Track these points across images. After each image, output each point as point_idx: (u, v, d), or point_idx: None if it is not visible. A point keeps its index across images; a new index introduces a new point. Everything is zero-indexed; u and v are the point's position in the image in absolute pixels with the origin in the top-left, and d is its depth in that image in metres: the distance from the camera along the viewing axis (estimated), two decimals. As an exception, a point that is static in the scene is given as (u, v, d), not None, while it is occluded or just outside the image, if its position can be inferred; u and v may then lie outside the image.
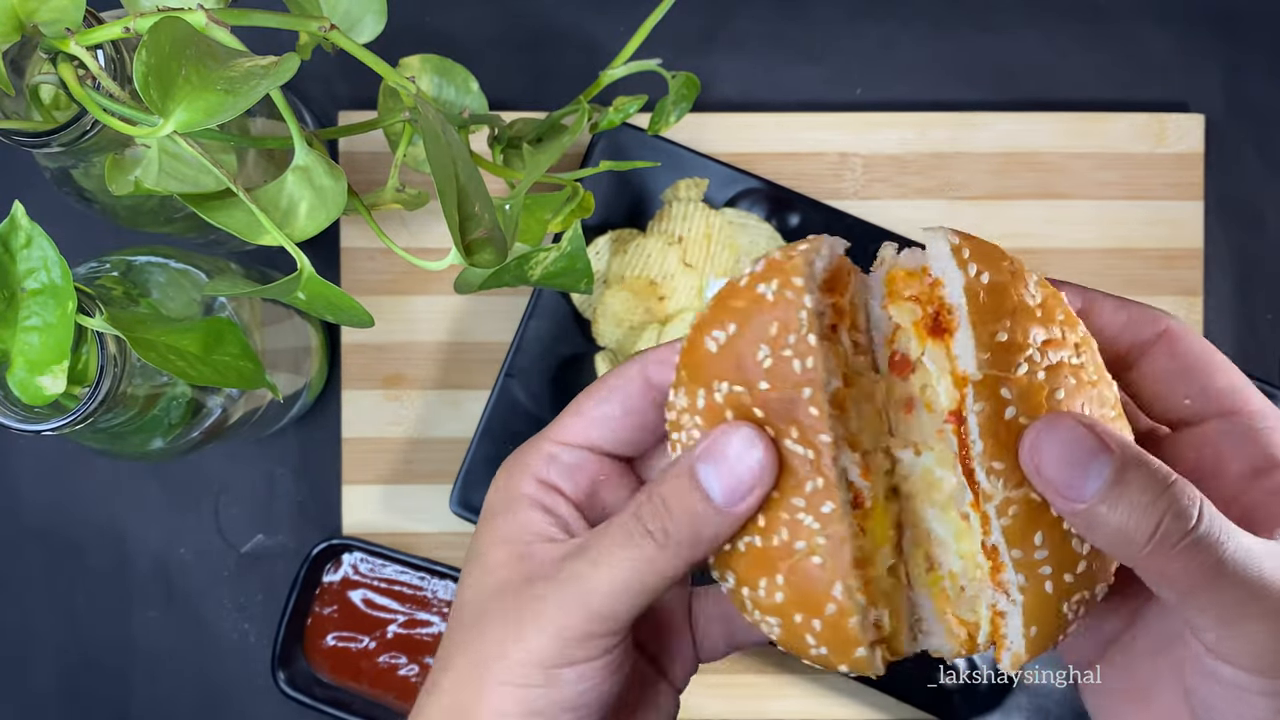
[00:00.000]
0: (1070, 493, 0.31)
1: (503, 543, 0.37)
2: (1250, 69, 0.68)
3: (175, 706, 0.68)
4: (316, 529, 0.68)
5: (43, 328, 0.43)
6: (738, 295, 0.35)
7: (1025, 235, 0.67)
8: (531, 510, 0.38)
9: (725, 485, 0.33)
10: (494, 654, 0.35)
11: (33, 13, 0.42)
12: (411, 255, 0.50)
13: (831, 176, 0.67)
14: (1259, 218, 0.68)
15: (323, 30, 0.45)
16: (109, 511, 0.68)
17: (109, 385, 0.45)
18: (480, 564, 0.38)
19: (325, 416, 0.68)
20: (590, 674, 0.35)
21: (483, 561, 0.38)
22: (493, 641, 0.35)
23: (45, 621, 0.68)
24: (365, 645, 0.65)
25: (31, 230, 0.43)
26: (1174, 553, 0.31)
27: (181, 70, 0.40)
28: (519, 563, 0.37)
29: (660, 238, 0.63)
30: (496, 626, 0.36)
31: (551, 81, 0.68)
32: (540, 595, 0.35)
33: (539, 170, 0.53)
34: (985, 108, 0.68)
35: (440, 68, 0.55)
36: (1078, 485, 0.31)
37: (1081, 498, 0.31)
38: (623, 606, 0.34)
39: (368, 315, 0.48)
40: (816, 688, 0.66)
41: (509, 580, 0.36)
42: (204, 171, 0.45)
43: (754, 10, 0.69)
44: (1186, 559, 0.31)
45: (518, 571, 0.36)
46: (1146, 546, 0.31)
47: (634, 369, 0.38)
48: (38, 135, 0.43)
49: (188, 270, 0.53)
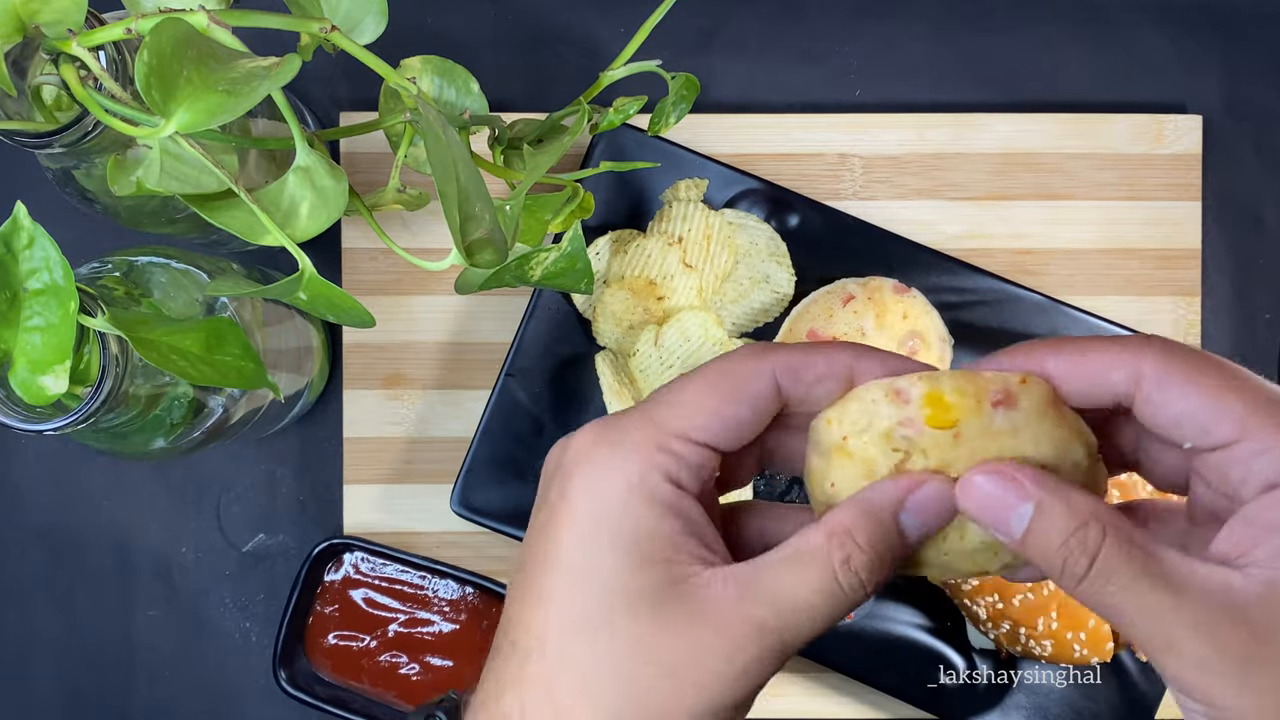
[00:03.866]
0: (1003, 530, 0.34)
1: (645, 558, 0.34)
2: (1249, 70, 0.68)
3: (176, 706, 0.68)
4: (318, 528, 0.68)
5: (45, 328, 0.43)
6: None
7: (1024, 236, 0.67)
8: (672, 518, 0.35)
9: (920, 529, 0.34)
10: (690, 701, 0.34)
11: (35, 14, 0.42)
12: (412, 255, 0.50)
13: (831, 177, 0.67)
14: (1257, 218, 0.68)
15: (324, 31, 0.45)
16: (110, 511, 0.68)
17: (111, 385, 0.45)
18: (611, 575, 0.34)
19: (326, 416, 0.68)
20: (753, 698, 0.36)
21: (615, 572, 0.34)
22: (688, 687, 0.33)
23: (45, 621, 0.68)
24: (366, 644, 0.65)
25: (34, 230, 0.43)
26: (1081, 587, 0.33)
27: (183, 71, 0.40)
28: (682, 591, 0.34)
29: (660, 238, 0.63)
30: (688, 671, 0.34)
31: (552, 82, 0.68)
32: (742, 647, 0.34)
33: (539, 171, 0.53)
34: (985, 108, 0.68)
35: (441, 69, 0.55)
36: (1005, 523, 0.33)
37: (1013, 535, 0.33)
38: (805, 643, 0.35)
39: (369, 315, 0.49)
40: (816, 687, 0.66)
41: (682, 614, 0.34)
42: (205, 172, 0.45)
43: (754, 10, 0.69)
44: (1092, 593, 0.33)
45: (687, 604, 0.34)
46: (1059, 579, 0.33)
47: (766, 374, 0.36)
48: (40, 136, 0.43)
49: (189, 270, 0.53)
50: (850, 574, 0.34)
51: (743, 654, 0.34)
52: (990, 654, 0.64)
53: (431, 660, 0.65)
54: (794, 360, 0.36)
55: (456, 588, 0.65)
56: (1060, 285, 0.66)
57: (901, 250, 0.64)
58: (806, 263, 0.64)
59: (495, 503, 0.64)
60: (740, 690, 0.34)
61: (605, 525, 0.34)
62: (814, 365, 0.36)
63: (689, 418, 0.35)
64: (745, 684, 0.34)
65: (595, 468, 0.35)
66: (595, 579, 0.34)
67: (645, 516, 0.34)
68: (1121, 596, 0.32)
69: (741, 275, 0.64)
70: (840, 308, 0.62)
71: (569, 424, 0.65)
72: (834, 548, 0.34)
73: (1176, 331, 0.66)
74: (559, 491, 0.35)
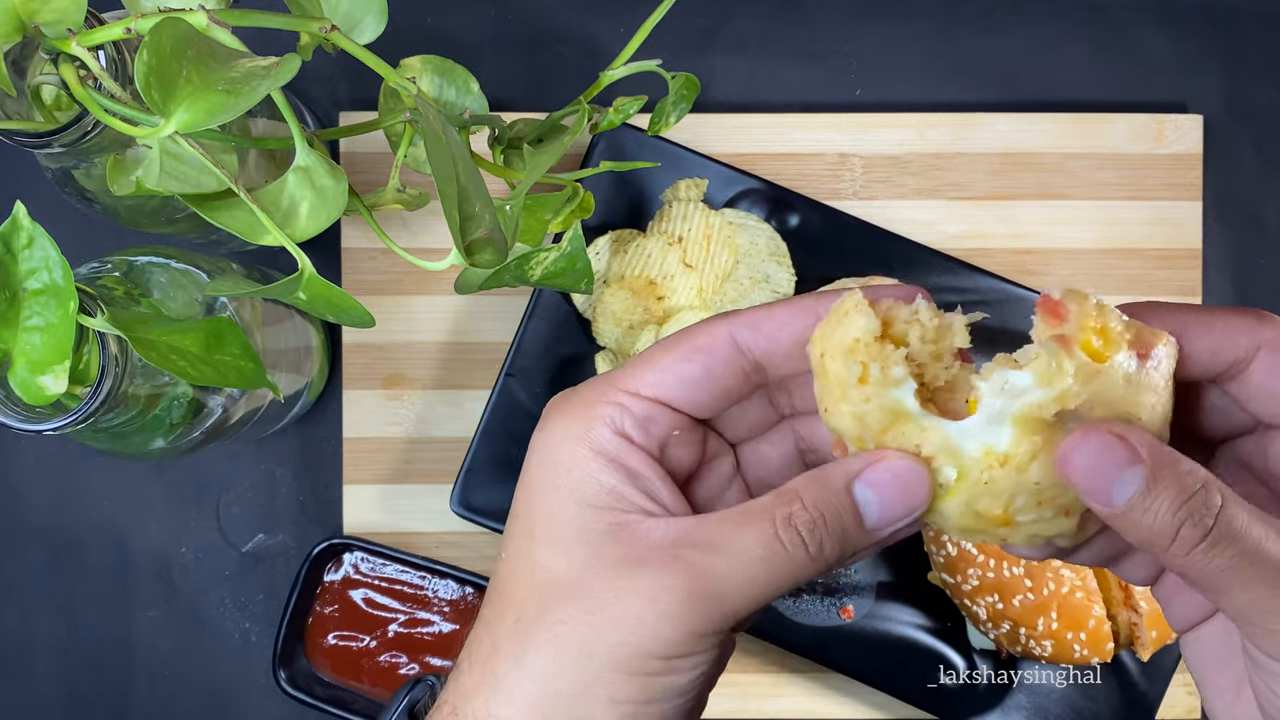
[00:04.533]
0: (1102, 498, 0.32)
1: (586, 506, 0.35)
2: (1249, 70, 0.68)
3: (176, 706, 0.68)
4: (317, 528, 0.68)
5: (44, 328, 0.43)
6: None
7: (1024, 235, 0.67)
8: (612, 470, 0.35)
9: (883, 512, 0.33)
10: (610, 639, 0.33)
11: (34, 13, 0.42)
12: (412, 255, 0.50)
13: (831, 177, 0.67)
14: (1257, 218, 0.68)
15: (324, 31, 0.45)
16: (110, 511, 0.68)
17: (110, 385, 0.45)
18: (557, 525, 0.35)
19: (326, 416, 0.68)
20: (706, 662, 0.34)
21: (559, 522, 0.35)
22: (606, 625, 0.33)
23: (45, 621, 0.68)
24: (366, 644, 0.65)
25: (33, 230, 0.43)
26: (1195, 553, 0.32)
27: (183, 71, 0.40)
28: (619, 534, 0.34)
29: (660, 238, 0.63)
30: (611, 606, 0.33)
31: (552, 82, 0.68)
32: (669, 585, 0.33)
33: (539, 171, 0.53)
34: (985, 108, 0.68)
35: (441, 68, 0.55)
36: (1106, 491, 0.32)
37: (1113, 503, 0.32)
38: (751, 607, 0.34)
39: (368, 315, 0.49)
40: (816, 687, 0.66)
41: (614, 556, 0.34)
42: (205, 172, 0.45)
43: (754, 10, 0.69)
44: (1206, 559, 0.32)
45: (624, 548, 0.34)
46: (1170, 547, 0.32)
47: (721, 330, 0.36)
48: (39, 136, 0.43)
49: (189, 270, 0.53)
50: (790, 530, 0.33)
51: (667, 594, 0.33)
52: (990, 654, 0.64)
53: (431, 660, 0.65)
54: (755, 316, 0.36)
55: (456, 588, 0.65)
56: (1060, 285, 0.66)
57: (901, 250, 0.64)
58: (806, 262, 0.64)
59: (495, 503, 0.64)
60: (663, 637, 0.33)
61: (552, 478, 0.36)
62: (775, 314, 0.36)
63: (641, 376, 0.36)
64: (669, 631, 0.33)
65: (549, 428, 0.36)
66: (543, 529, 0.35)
67: (588, 467, 0.35)
68: (1232, 566, 0.32)
69: (741, 275, 0.64)
70: (840, 308, 0.62)
71: (569, 424, 0.65)
72: (779, 505, 0.34)
73: (1177, 331, 0.66)
74: (543, 456, 0.37)
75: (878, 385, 0.33)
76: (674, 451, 0.37)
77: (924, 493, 0.33)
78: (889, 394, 0.33)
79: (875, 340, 0.33)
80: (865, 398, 0.33)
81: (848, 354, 0.33)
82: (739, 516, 0.34)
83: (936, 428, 0.33)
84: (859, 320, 0.33)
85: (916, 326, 0.34)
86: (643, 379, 0.36)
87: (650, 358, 0.36)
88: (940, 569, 0.61)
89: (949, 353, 0.35)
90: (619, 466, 0.35)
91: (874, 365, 0.33)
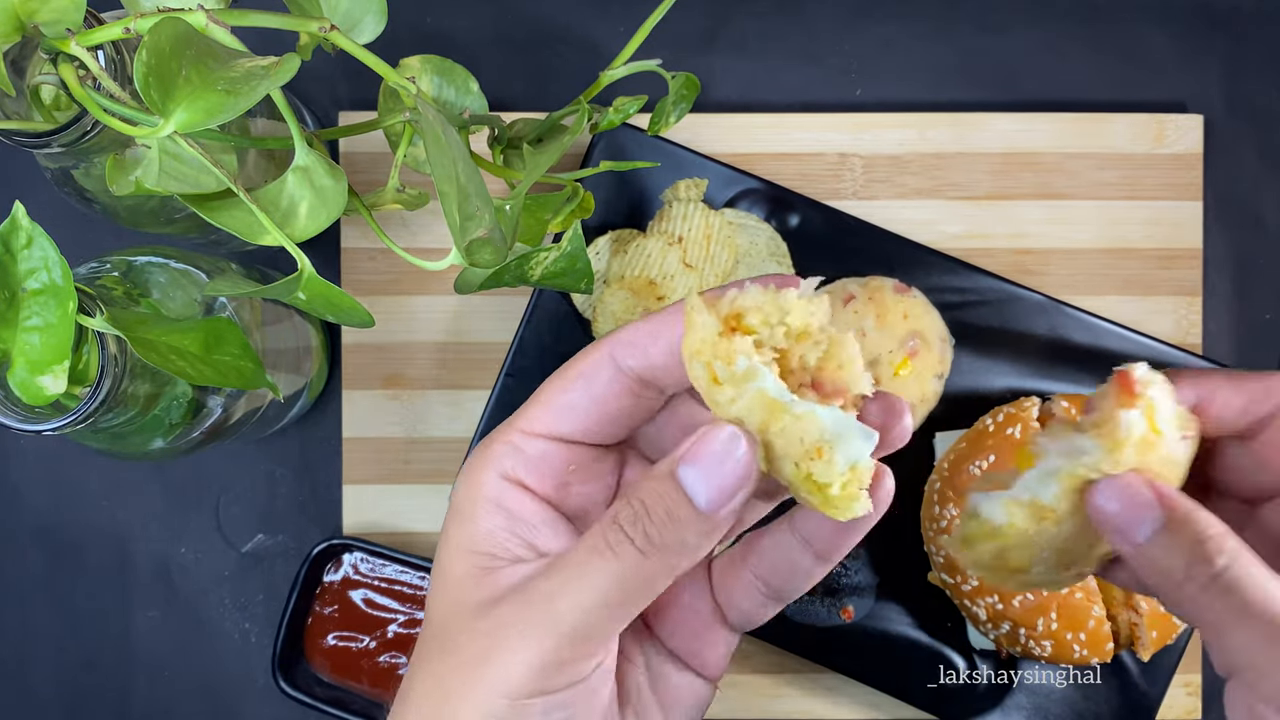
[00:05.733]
0: (1129, 535, 0.34)
1: (465, 553, 0.35)
2: (1249, 69, 0.68)
3: (176, 706, 0.68)
4: (317, 529, 0.68)
5: (44, 328, 0.43)
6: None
7: (1024, 235, 0.67)
8: (493, 515, 0.35)
9: (710, 488, 0.32)
10: (457, 683, 0.33)
11: (33, 13, 0.42)
12: (411, 255, 0.50)
13: (831, 177, 0.67)
14: (1258, 218, 0.68)
15: (323, 31, 0.45)
16: (109, 511, 0.68)
17: (109, 385, 0.45)
18: (442, 576, 0.35)
19: (325, 416, 0.68)
20: (566, 701, 0.33)
21: (444, 574, 0.35)
22: (456, 668, 0.33)
23: (45, 621, 0.68)
24: (366, 645, 0.65)
25: (32, 230, 0.43)
26: (1199, 593, 0.33)
27: (182, 70, 0.40)
28: (483, 578, 0.34)
29: (660, 238, 0.63)
30: (461, 651, 0.33)
31: (551, 82, 0.68)
32: (511, 621, 0.33)
33: (539, 170, 0.53)
34: (985, 108, 0.68)
35: (440, 68, 0.55)
36: (1132, 529, 0.34)
37: (1136, 539, 0.34)
38: (600, 624, 0.32)
39: (368, 315, 0.48)
40: (817, 688, 0.66)
41: (474, 601, 0.34)
42: (204, 172, 0.45)
43: (754, 10, 0.69)
44: (1208, 599, 0.33)
45: (481, 590, 0.34)
46: (1181, 586, 0.33)
47: (602, 355, 0.35)
48: (39, 136, 0.43)
49: (188, 270, 0.53)
50: (614, 529, 0.32)
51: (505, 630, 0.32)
52: (990, 654, 0.64)
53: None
54: (631, 332, 0.35)
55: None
56: (1061, 285, 0.66)
57: (902, 250, 0.64)
58: (806, 262, 0.64)
59: (495, 503, 0.64)
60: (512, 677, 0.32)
61: (448, 524, 0.36)
62: (644, 328, 0.35)
63: (532, 415, 0.36)
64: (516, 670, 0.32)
65: (461, 474, 0.36)
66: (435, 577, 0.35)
67: (473, 513, 0.35)
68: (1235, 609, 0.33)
69: (742, 275, 0.64)
70: (841, 307, 0.62)
71: (569, 424, 0.65)
72: (615, 503, 0.33)
73: (1177, 331, 0.66)
74: (451, 507, 0.36)
75: (734, 383, 0.32)
76: (580, 488, 0.36)
77: (747, 462, 0.32)
78: (749, 387, 0.32)
79: (719, 337, 0.32)
80: (730, 399, 0.32)
81: (695, 358, 0.32)
82: (582, 537, 0.33)
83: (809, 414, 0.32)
84: (698, 320, 0.32)
85: (756, 313, 0.33)
86: (534, 416, 0.36)
87: (541, 392, 0.36)
88: (940, 569, 0.61)
89: (815, 329, 0.33)
90: (500, 510, 0.35)
91: (717, 363, 0.32)
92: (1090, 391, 0.63)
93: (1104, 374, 0.64)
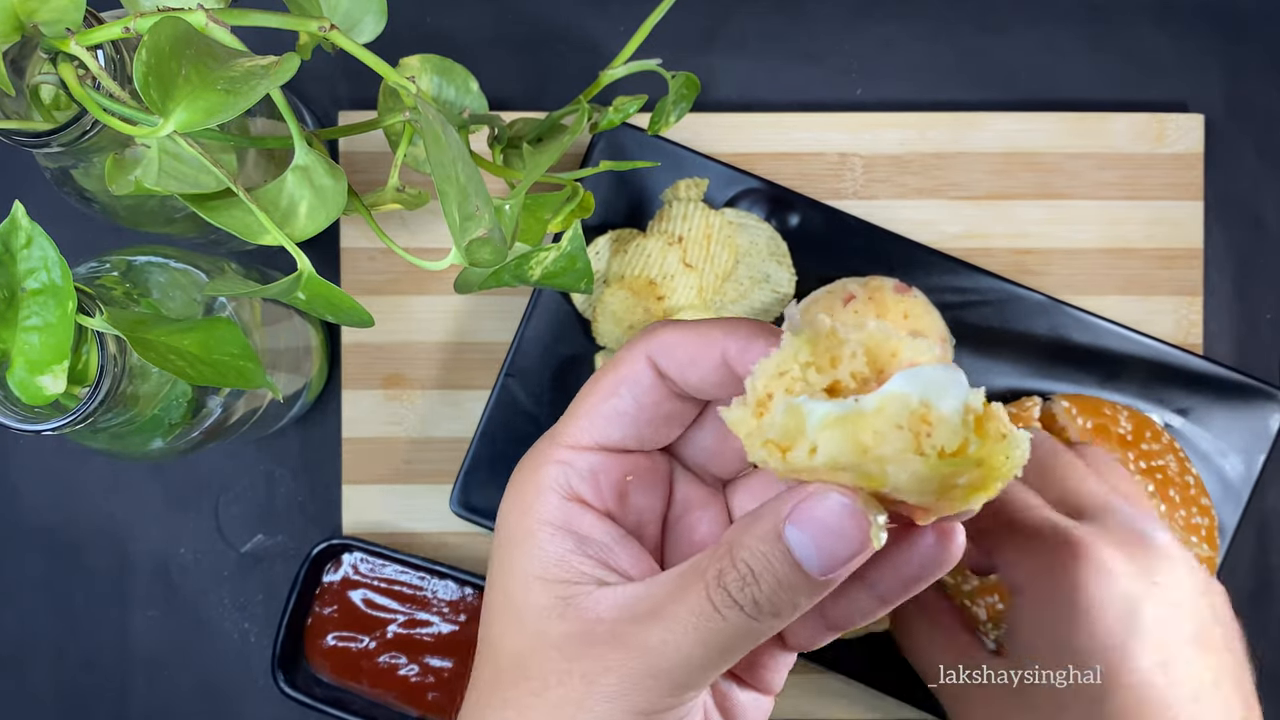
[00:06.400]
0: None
1: (536, 580, 0.33)
2: (1250, 69, 0.68)
3: (175, 706, 0.68)
4: (316, 529, 0.68)
5: (43, 327, 0.43)
6: None
7: (1025, 235, 0.67)
8: (561, 539, 0.34)
9: (823, 556, 0.31)
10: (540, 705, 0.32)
11: (33, 13, 0.42)
12: (411, 255, 0.50)
13: (831, 176, 0.67)
14: (1258, 218, 0.68)
15: (323, 30, 0.45)
16: (109, 511, 0.68)
17: (109, 385, 0.45)
18: (513, 606, 0.34)
19: (325, 416, 0.68)
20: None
21: (516, 604, 0.34)
22: (544, 706, 0.32)
23: (45, 622, 0.68)
24: (365, 645, 0.65)
25: (32, 230, 0.43)
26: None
27: (182, 70, 0.40)
28: (567, 611, 0.33)
29: (660, 238, 0.63)
30: (550, 691, 0.32)
31: (551, 81, 0.68)
32: (608, 665, 0.32)
33: (539, 170, 0.53)
34: (985, 108, 0.68)
35: (440, 68, 0.55)
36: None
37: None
38: (702, 677, 0.32)
39: (368, 315, 0.48)
40: (816, 688, 0.66)
41: (559, 634, 0.33)
42: (204, 171, 0.45)
43: (754, 10, 0.69)
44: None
45: (569, 625, 0.33)
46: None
47: (639, 358, 0.34)
48: (38, 135, 0.43)
49: (188, 270, 0.53)
50: (721, 592, 0.31)
51: (605, 675, 0.32)
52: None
53: (431, 661, 0.65)
54: (669, 339, 0.34)
55: (456, 588, 0.65)
56: (1061, 285, 0.66)
57: (902, 249, 0.64)
58: (807, 262, 0.64)
59: (495, 503, 0.63)
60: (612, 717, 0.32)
61: (507, 553, 0.34)
62: (686, 344, 0.34)
63: (578, 427, 0.35)
64: (608, 715, 0.32)
65: (506, 498, 0.35)
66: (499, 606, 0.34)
67: (538, 539, 0.34)
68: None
69: (742, 275, 0.64)
70: (841, 307, 0.62)
71: (569, 424, 0.65)
72: (712, 561, 0.32)
73: (1178, 331, 0.66)
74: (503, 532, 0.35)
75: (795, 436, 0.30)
76: (638, 500, 0.35)
77: (863, 528, 0.30)
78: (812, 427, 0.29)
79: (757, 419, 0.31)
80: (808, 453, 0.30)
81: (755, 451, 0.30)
82: (679, 579, 0.32)
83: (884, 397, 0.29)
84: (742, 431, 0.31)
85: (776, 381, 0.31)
86: (578, 428, 0.35)
87: (581, 403, 0.35)
88: (941, 569, 0.61)
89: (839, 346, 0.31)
90: (568, 533, 0.34)
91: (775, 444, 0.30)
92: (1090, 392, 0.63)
93: (1104, 374, 0.64)
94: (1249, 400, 0.63)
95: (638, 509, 0.36)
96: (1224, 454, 0.63)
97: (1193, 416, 0.64)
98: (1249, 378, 0.63)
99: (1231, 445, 0.63)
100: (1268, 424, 0.63)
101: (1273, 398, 0.63)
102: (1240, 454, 0.63)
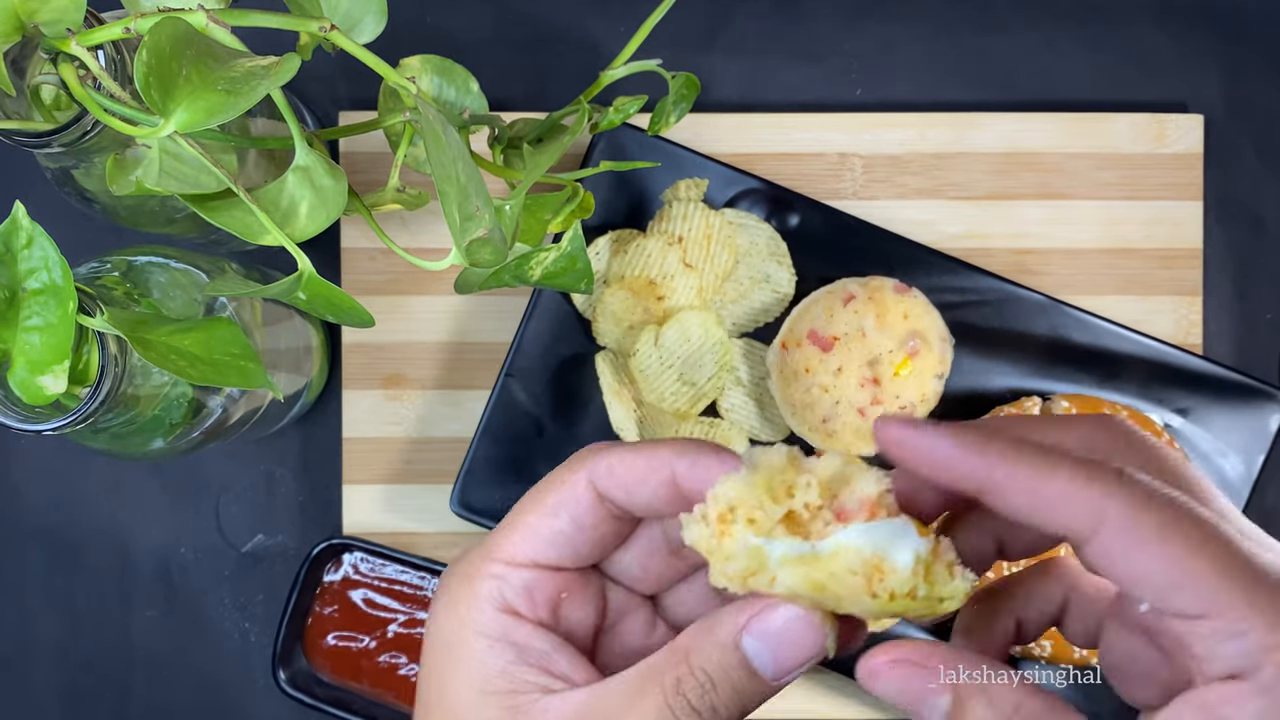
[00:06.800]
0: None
1: (479, 695, 0.34)
2: (1250, 69, 0.68)
3: (175, 706, 0.68)
4: (317, 529, 0.68)
5: (44, 327, 0.43)
6: None
7: (1025, 235, 0.67)
8: (500, 650, 0.34)
9: (779, 661, 0.32)
10: None
11: (34, 13, 0.42)
12: (412, 255, 0.50)
13: (831, 177, 0.67)
14: (1258, 218, 0.68)
15: (323, 30, 0.45)
16: (109, 511, 0.68)
17: (110, 385, 0.45)
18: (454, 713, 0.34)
19: (325, 416, 0.68)
20: None
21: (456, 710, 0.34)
22: None
23: (45, 621, 0.68)
24: (366, 645, 0.65)
25: (32, 230, 0.43)
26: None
27: (182, 70, 0.40)
28: (509, 711, 0.33)
29: (660, 238, 0.63)
30: None
31: (551, 82, 0.68)
32: None
33: (539, 170, 0.53)
34: (985, 108, 0.68)
35: (440, 68, 0.55)
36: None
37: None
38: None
39: (368, 315, 0.48)
40: (816, 687, 0.66)
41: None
42: (205, 171, 0.45)
43: (754, 10, 0.69)
44: None
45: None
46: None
47: (581, 480, 0.35)
48: (39, 135, 0.43)
49: (189, 270, 0.53)
50: (680, 699, 0.32)
51: None
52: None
53: (431, 661, 0.65)
54: (613, 461, 0.35)
55: None
56: (1061, 285, 0.66)
57: (902, 250, 0.64)
58: (807, 262, 0.64)
59: (495, 503, 0.64)
60: None
61: (445, 663, 0.34)
62: (634, 465, 0.34)
63: (511, 538, 0.35)
64: None
65: (443, 604, 0.35)
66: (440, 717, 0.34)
67: (477, 651, 0.34)
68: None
69: (742, 275, 0.64)
70: (841, 307, 0.62)
71: (569, 424, 0.65)
72: (668, 667, 0.32)
73: (1177, 331, 0.66)
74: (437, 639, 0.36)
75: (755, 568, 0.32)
76: (570, 613, 0.36)
77: (818, 640, 0.32)
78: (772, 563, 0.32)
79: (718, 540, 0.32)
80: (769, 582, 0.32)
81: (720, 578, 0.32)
82: (633, 685, 0.33)
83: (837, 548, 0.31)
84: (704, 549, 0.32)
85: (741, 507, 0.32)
86: (513, 545, 0.35)
87: (518, 518, 0.35)
88: (940, 569, 0.61)
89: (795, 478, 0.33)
90: (507, 644, 0.34)
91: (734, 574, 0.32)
92: (1090, 392, 0.63)
93: (1104, 374, 0.64)
94: (1248, 400, 0.63)
95: (571, 621, 0.36)
96: (1223, 454, 0.64)
97: (1192, 416, 0.64)
98: (1248, 378, 0.63)
99: (1231, 445, 0.63)
100: (1267, 424, 0.63)
101: (1272, 398, 0.63)
102: (1240, 454, 0.63)
